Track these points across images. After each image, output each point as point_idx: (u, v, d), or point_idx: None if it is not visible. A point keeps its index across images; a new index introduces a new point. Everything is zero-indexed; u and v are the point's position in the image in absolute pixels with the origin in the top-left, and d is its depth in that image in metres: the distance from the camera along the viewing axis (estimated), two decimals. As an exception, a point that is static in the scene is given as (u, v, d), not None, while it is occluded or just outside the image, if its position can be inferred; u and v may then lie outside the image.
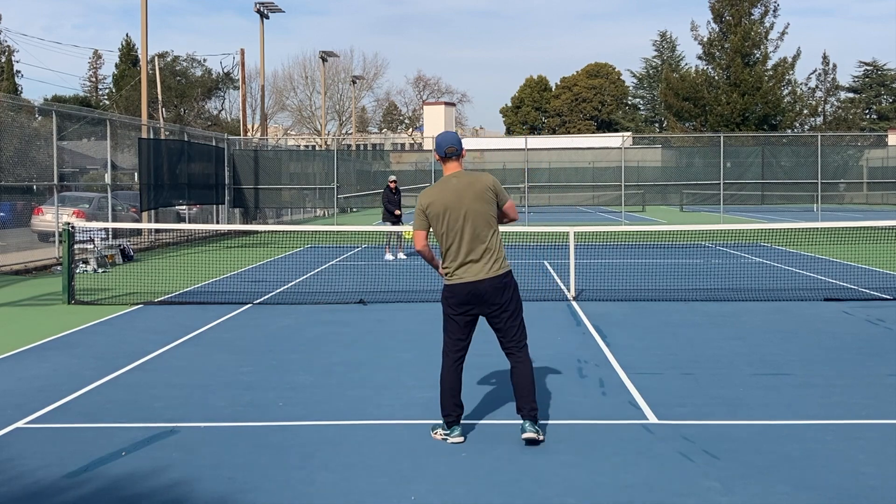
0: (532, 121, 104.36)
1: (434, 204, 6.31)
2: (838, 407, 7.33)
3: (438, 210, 6.29)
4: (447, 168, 6.42)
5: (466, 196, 6.26)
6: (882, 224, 19.96)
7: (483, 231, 6.27)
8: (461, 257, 6.28)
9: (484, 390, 7.92)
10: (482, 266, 6.26)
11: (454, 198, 6.26)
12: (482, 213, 6.27)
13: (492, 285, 6.26)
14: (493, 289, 6.27)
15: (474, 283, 6.25)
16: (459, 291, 6.29)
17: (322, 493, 5.43)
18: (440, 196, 6.31)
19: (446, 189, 6.32)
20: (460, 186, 6.29)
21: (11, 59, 65.93)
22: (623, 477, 5.66)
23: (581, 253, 17.72)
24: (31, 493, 5.44)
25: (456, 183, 6.32)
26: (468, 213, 6.24)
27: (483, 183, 6.33)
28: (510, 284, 6.37)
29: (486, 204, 6.29)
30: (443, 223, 6.29)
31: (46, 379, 8.52)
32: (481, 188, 6.30)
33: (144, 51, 31.85)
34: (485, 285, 6.25)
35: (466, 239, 6.26)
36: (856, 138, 46.26)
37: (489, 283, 6.25)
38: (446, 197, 6.28)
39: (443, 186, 6.35)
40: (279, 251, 22.94)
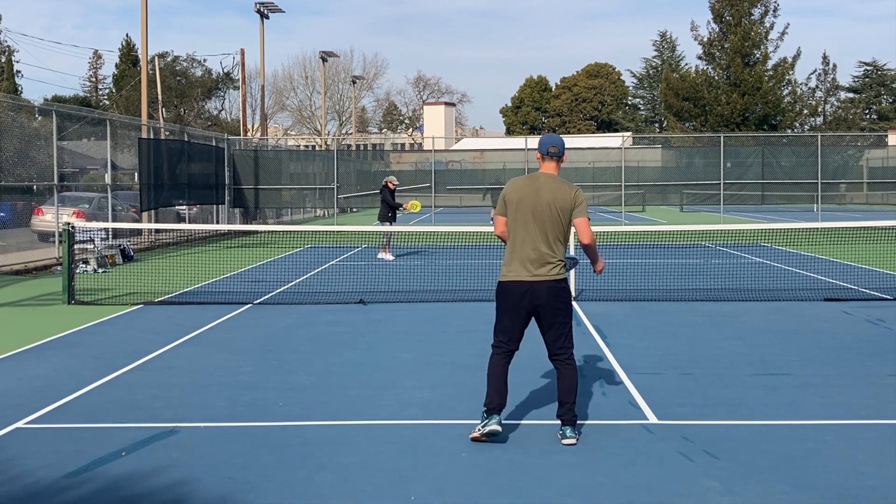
0: (532, 121, 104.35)
1: (513, 193, 6.41)
2: (838, 407, 7.33)
3: (517, 199, 6.37)
4: (543, 167, 6.49)
5: (545, 198, 6.30)
6: (882, 224, 19.96)
7: (550, 237, 6.31)
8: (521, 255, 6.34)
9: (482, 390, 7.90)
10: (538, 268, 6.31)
11: (535, 194, 6.33)
12: (553, 219, 6.30)
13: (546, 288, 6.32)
14: (547, 292, 6.32)
15: (529, 283, 6.31)
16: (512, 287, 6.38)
17: (322, 493, 5.43)
18: (523, 188, 6.39)
19: (533, 184, 6.39)
20: (546, 186, 6.35)
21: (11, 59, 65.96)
22: (623, 477, 5.66)
23: (581, 253, 17.69)
24: (31, 494, 5.44)
25: (544, 181, 6.38)
26: (538, 213, 6.29)
27: (567, 191, 6.35)
28: (564, 290, 6.44)
29: (560, 213, 6.31)
30: (516, 213, 6.37)
31: (46, 379, 8.52)
32: (563, 196, 6.32)
33: (144, 51, 31.85)
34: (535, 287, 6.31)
35: (534, 237, 6.30)
36: (856, 138, 46.28)
37: (543, 286, 6.31)
38: (529, 190, 6.36)
39: (531, 180, 6.43)
40: (279, 251, 22.94)
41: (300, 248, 23.41)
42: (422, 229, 20.53)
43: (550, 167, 6.45)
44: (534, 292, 6.31)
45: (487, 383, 6.45)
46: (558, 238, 6.34)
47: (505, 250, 6.49)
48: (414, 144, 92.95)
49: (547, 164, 6.47)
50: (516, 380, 8.31)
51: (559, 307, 6.39)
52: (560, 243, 6.35)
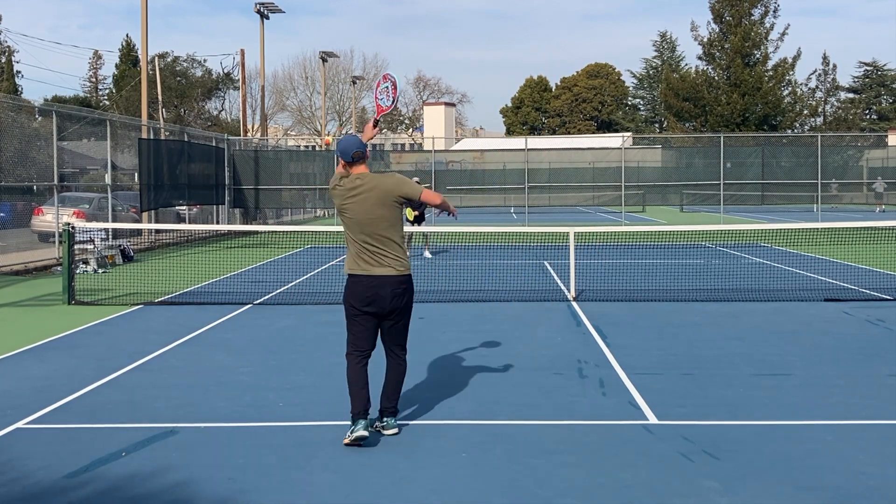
0: (532, 121, 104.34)
1: (339, 199, 6.45)
2: (838, 407, 7.33)
3: (342, 205, 6.42)
4: (355, 170, 6.47)
5: (368, 201, 6.34)
6: (882, 224, 19.97)
7: (384, 234, 6.36)
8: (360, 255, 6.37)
9: (483, 390, 7.92)
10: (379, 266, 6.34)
11: (360, 199, 6.35)
12: (383, 216, 6.34)
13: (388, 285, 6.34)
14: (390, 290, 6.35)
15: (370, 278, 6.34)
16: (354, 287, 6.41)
17: (322, 493, 5.43)
18: (346, 194, 6.41)
19: (354, 187, 6.38)
20: (367, 187, 6.36)
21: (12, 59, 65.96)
22: (623, 477, 5.66)
23: (581, 253, 17.71)
24: (32, 494, 5.44)
25: (363, 183, 6.38)
26: (372, 215, 6.32)
27: (387, 186, 6.39)
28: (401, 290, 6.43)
29: (389, 209, 6.36)
30: (345, 218, 6.43)
31: (46, 379, 8.52)
32: (384, 192, 6.35)
33: (144, 51, 31.85)
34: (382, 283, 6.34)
35: (368, 237, 6.34)
36: (856, 139, 46.26)
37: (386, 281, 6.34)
38: (352, 195, 6.37)
39: (352, 186, 6.40)
40: (279, 251, 22.94)
41: (300, 249, 23.42)
42: (422, 229, 20.50)
43: (360, 169, 6.46)
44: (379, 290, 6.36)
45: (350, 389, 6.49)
46: (394, 233, 6.40)
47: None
48: (414, 145, 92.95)
49: (358, 168, 6.46)
50: (516, 380, 8.32)
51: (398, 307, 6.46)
52: (395, 236, 6.40)
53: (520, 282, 15.80)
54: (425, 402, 7.53)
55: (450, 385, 8.14)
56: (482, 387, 8.05)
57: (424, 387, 8.05)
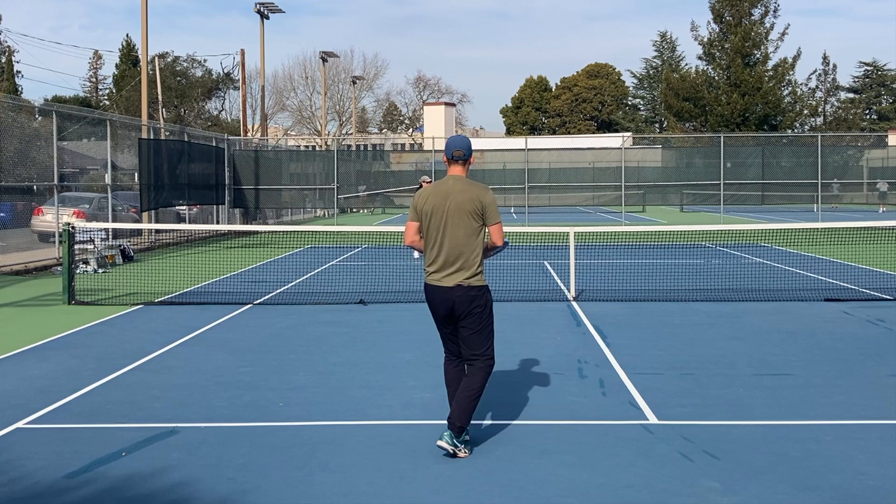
0: (532, 121, 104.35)
1: (423, 203, 6.28)
2: (838, 407, 7.33)
3: (427, 208, 6.26)
4: (450, 170, 6.36)
5: (457, 200, 6.17)
6: (882, 224, 19.97)
7: (462, 240, 6.15)
8: (437, 260, 6.22)
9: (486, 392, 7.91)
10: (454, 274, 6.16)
11: (442, 199, 6.20)
12: (467, 223, 6.15)
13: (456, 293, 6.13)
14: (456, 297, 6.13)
15: (441, 287, 6.17)
16: (430, 292, 6.25)
17: (322, 493, 5.43)
18: (433, 196, 6.25)
19: (440, 190, 6.26)
20: (455, 190, 6.20)
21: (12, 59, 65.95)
22: (623, 477, 5.66)
23: (581, 253, 17.72)
24: (32, 494, 5.44)
25: (452, 185, 6.24)
26: (449, 219, 6.17)
27: (477, 194, 6.18)
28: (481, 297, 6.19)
29: (469, 216, 6.14)
30: (428, 221, 6.25)
31: (46, 379, 8.52)
32: (473, 198, 6.16)
33: (144, 51, 31.85)
34: (451, 291, 6.14)
35: (446, 242, 6.17)
36: (856, 139, 46.25)
37: (455, 290, 6.13)
38: (437, 198, 6.22)
39: (439, 186, 6.30)
40: (279, 251, 22.94)
41: (300, 249, 23.42)
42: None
43: (456, 170, 6.34)
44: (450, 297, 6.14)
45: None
46: (474, 243, 6.16)
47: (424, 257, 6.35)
48: (414, 145, 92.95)
49: (453, 168, 6.33)
50: (516, 380, 8.32)
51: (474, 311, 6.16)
52: (476, 247, 6.17)
53: (520, 282, 15.80)
54: (425, 402, 7.53)
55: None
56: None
57: (424, 387, 8.05)
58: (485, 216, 6.17)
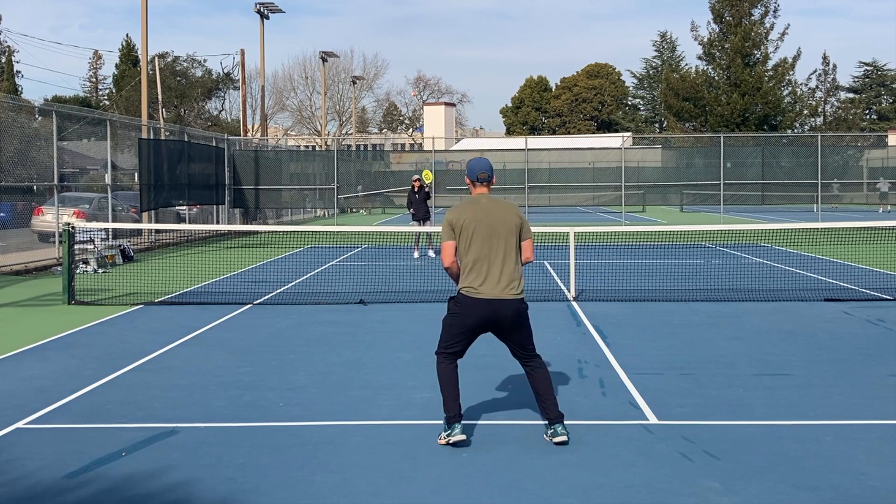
0: (532, 121, 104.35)
1: (464, 218, 6.37)
2: (838, 407, 7.33)
3: (468, 224, 6.35)
4: (476, 191, 6.54)
5: (497, 216, 6.38)
6: (882, 224, 19.98)
7: (507, 254, 6.34)
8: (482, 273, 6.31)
9: (483, 391, 7.92)
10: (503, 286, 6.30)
11: (485, 215, 6.37)
12: (509, 238, 6.36)
13: (510, 307, 6.32)
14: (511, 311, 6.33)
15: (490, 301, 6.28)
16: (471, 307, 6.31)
17: (322, 493, 5.43)
18: (471, 212, 6.39)
19: (478, 206, 6.42)
20: (491, 207, 6.42)
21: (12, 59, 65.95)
22: (623, 477, 5.66)
23: (581, 253, 17.72)
24: (32, 494, 5.44)
25: (486, 203, 6.44)
26: (497, 233, 6.34)
27: (513, 210, 6.49)
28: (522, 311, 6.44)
29: (513, 230, 6.39)
30: (473, 236, 6.33)
31: (46, 379, 8.52)
32: (510, 214, 6.42)
33: (144, 51, 31.85)
34: (503, 306, 6.30)
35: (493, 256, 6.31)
36: (856, 139, 46.24)
37: (508, 305, 6.31)
38: (478, 214, 6.38)
39: (474, 204, 6.45)
40: (279, 251, 22.94)
41: (300, 249, 23.41)
42: (426, 229, 20.50)
43: (483, 190, 6.54)
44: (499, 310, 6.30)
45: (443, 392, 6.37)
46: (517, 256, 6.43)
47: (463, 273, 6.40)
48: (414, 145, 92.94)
49: (480, 188, 6.54)
50: (516, 380, 8.32)
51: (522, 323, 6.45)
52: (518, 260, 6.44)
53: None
54: (425, 402, 7.53)
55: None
56: (482, 387, 8.05)
57: (424, 387, 8.05)
58: (522, 231, 6.47)
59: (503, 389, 7.96)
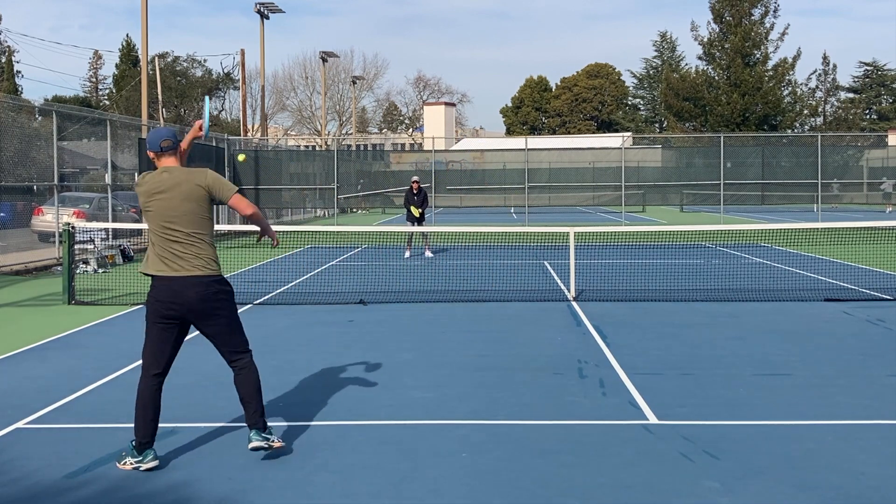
0: (532, 121, 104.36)
1: (142, 195, 6.02)
2: (838, 407, 7.33)
3: (145, 202, 5.99)
4: (161, 163, 6.11)
5: (175, 193, 5.91)
6: (882, 224, 19.98)
7: (192, 232, 5.94)
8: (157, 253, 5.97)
9: (483, 390, 7.92)
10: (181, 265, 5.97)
11: (163, 192, 5.94)
12: (189, 212, 5.92)
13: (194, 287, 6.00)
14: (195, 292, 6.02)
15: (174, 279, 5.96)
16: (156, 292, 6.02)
17: (322, 493, 5.43)
18: (150, 189, 5.99)
19: (156, 181, 5.99)
20: (172, 181, 5.97)
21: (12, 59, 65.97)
22: (623, 477, 5.66)
23: (581, 253, 17.71)
24: (32, 494, 5.44)
25: (168, 177, 6.00)
26: (175, 211, 5.92)
27: (195, 180, 5.98)
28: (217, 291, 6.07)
29: (195, 202, 5.94)
30: (148, 215, 6.00)
31: (46, 379, 8.52)
32: (191, 187, 5.94)
33: (144, 51, 31.85)
34: (187, 284, 5.99)
35: (173, 236, 5.94)
36: (856, 138, 46.25)
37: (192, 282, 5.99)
38: (155, 189, 5.96)
39: (155, 179, 6.02)
40: (279, 252, 22.93)
41: (300, 249, 23.41)
42: (423, 229, 20.51)
43: (169, 161, 6.10)
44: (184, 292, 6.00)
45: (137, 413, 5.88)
46: (200, 231, 5.99)
47: None
48: (414, 145, 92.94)
49: (164, 160, 6.09)
50: (516, 380, 8.33)
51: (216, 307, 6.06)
52: (203, 235, 6.00)
53: (520, 282, 15.80)
54: (425, 402, 7.54)
55: (450, 385, 8.14)
56: (482, 387, 8.05)
57: (424, 387, 8.05)
58: (213, 195, 6.00)
59: (502, 389, 7.96)
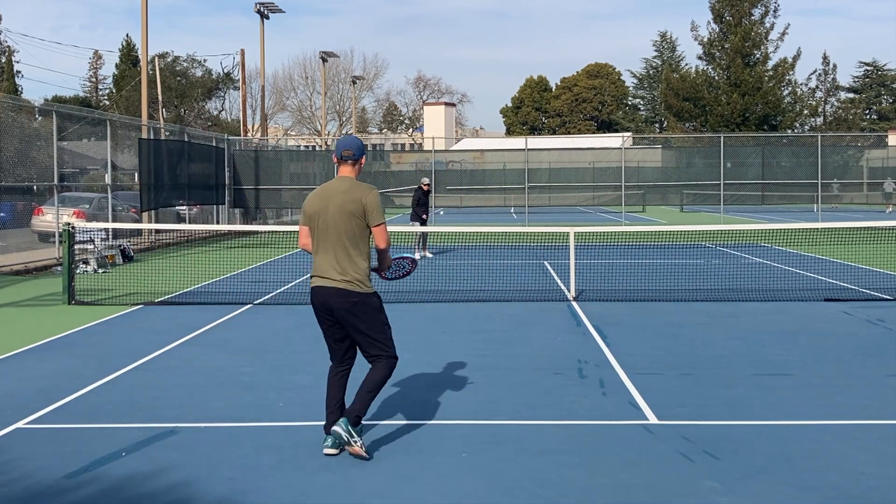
0: (532, 121, 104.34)
1: (309, 205, 6.20)
2: (838, 407, 7.33)
3: (313, 211, 6.16)
4: (340, 171, 6.30)
5: (335, 203, 6.08)
6: (882, 224, 19.97)
7: (345, 243, 6.07)
8: (320, 262, 6.15)
9: (483, 390, 7.92)
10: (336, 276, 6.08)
11: (327, 201, 6.10)
12: (344, 225, 6.06)
13: (337, 297, 6.11)
14: (337, 302, 6.14)
15: (323, 289, 6.13)
16: (313, 296, 6.23)
17: (322, 493, 5.43)
18: (316, 198, 6.18)
19: (325, 191, 6.19)
20: (337, 191, 6.13)
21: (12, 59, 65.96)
22: (623, 477, 5.66)
23: (581, 253, 17.71)
24: (32, 494, 5.44)
25: (336, 186, 6.17)
26: (331, 221, 6.07)
27: (357, 194, 6.10)
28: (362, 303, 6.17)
29: (349, 217, 6.05)
30: (313, 224, 6.17)
31: (46, 379, 8.52)
32: (350, 199, 6.07)
33: (144, 51, 31.85)
34: (331, 294, 6.11)
35: (330, 245, 6.08)
36: (856, 139, 46.22)
37: (335, 293, 6.10)
38: (321, 199, 6.14)
39: (323, 188, 6.23)
40: (279, 251, 22.93)
41: (300, 249, 23.37)
42: (423, 230, 20.50)
43: (346, 171, 6.27)
44: (329, 300, 6.16)
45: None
46: (357, 245, 6.08)
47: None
48: (414, 145, 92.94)
49: (343, 168, 6.28)
50: (516, 380, 8.33)
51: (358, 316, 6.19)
52: (359, 249, 6.09)
53: (520, 282, 15.80)
54: (425, 402, 7.54)
55: (450, 385, 8.15)
56: (482, 387, 8.05)
57: (424, 387, 8.05)
58: (367, 217, 6.09)
59: (502, 389, 7.96)
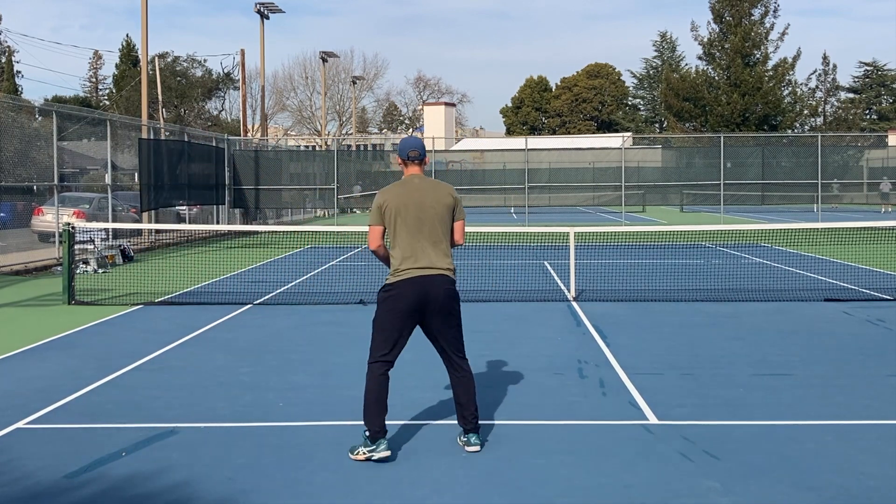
0: (532, 121, 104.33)
1: (391, 201, 6.15)
2: (838, 407, 7.33)
3: (397, 206, 6.13)
4: (408, 171, 6.30)
5: (429, 197, 6.15)
6: (882, 224, 19.99)
7: (440, 234, 6.14)
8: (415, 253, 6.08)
9: (483, 390, 7.91)
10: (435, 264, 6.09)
11: (417, 196, 6.14)
12: (441, 217, 6.14)
13: (442, 284, 6.08)
14: (443, 289, 6.08)
15: (424, 277, 6.04)
16: (404, 287, 6.06)
17: (322, 493, 5.43)
18: (401, 194, 6.16)
19: (408, 187, 6.19)
20: (424, 186, 6.20)
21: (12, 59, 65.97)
22: (623, 477, 5.66)
23: (581, 253, 17.72)
24: (32, 495, 5.44)
25: (419, 183, 6.22)
26: (428, 213, 6.11)
27: (446, 189, 6.26)
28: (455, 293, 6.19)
29: (446, 210, 6.18)
30: (399, 219, 6.12)
31: (46, 379, 8.52)
32: (444, 193, 6.20)
33: (144, 51, 31.86)
34: (436, 281, 6.06)
35: (424, 237, 6.09)
36: (856, 139, 46.23)
37: (440, 281, 6.07)
38: (408, 194, 6.14)
39: (405, 185, 6.22)
40: (279, 252, 22.93)
41: (300, 249, 23.41)
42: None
43: (415, 170, 6.29)
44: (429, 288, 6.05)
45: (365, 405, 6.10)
46: (448, 238, 6.20)
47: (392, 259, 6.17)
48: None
49: (411, 168, 6.29)
50: (516, 380, 8.33)
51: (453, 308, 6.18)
52: (448, 242, 6.20)
53: (520, 282, 15.80)
54: (425, 402, 7.54)
55: (450, 385, 8.12)
56: (482, 387, 8.03)
57: (425, 387, 8.05)
58: (455, 211, 6.26)
59: (502, 389, 7.96)
